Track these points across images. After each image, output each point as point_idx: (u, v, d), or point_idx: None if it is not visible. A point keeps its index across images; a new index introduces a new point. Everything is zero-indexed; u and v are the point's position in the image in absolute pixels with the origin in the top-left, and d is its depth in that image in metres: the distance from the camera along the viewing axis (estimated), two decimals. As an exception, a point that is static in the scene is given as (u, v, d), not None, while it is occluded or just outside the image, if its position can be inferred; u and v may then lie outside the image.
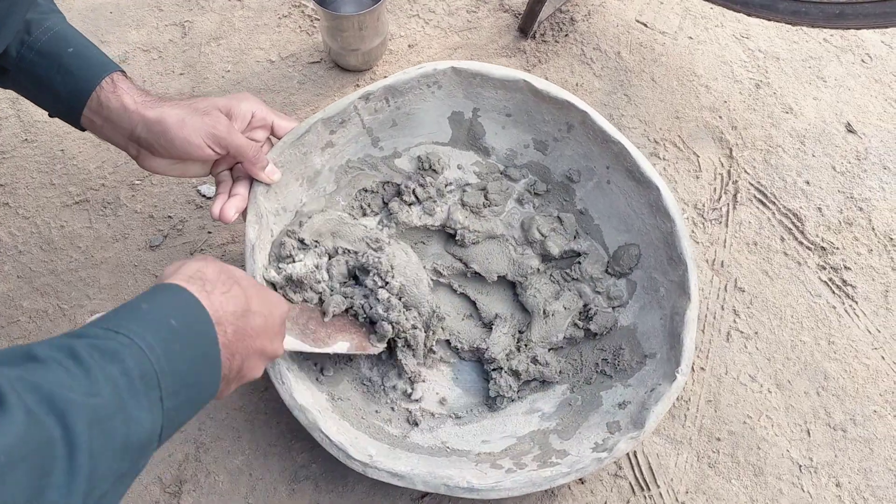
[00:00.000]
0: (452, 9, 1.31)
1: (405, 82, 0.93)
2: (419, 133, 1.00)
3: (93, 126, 0.80)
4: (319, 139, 0.92)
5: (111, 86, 0.78)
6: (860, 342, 1.02)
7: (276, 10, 1.30)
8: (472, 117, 0.99)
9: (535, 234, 0.98)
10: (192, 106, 0.80)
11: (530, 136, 0.99)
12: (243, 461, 0.91)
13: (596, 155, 0.95)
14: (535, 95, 0.94)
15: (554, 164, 1.00)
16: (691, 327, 0.84)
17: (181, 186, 1.10)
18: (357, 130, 0.95)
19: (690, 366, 0.83)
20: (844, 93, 1.24)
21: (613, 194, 0.96)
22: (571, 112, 0.93)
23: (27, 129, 1.15)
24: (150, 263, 1.04)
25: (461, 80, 0.95)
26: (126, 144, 0.81)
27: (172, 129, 0.77)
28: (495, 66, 0.94)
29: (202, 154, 0.80)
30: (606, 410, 0.87)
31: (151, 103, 0.79)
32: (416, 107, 0.97)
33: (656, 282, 0.92)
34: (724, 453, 0.94)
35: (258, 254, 0.85)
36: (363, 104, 0.93)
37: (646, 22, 1.31)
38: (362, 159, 0.98)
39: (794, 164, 1.16)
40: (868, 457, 0.94)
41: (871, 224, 1.11)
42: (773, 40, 1.30)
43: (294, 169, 0.91)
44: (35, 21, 0.77)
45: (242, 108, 0.83)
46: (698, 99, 1.22)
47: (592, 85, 1.23)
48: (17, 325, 1.00)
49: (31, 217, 1.08)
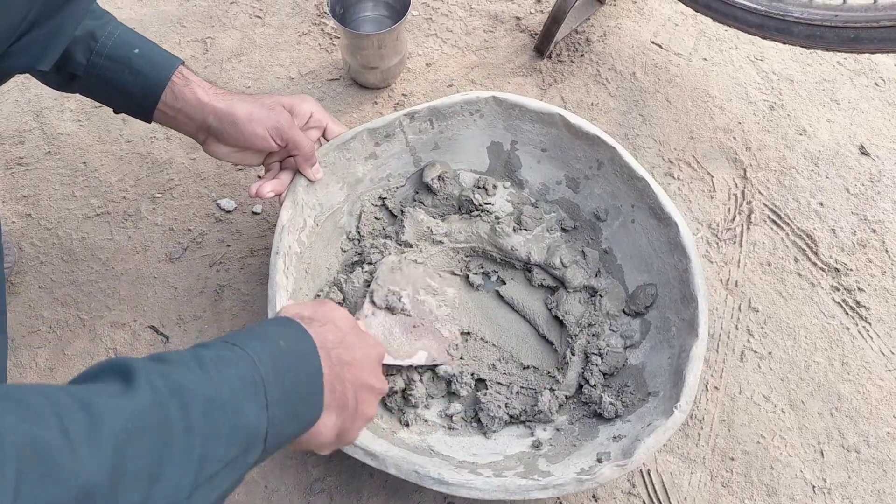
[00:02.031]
0: (470, 28, 1.33)
1: (449, 106, 0.98)
2: (459, 159, 1.04)
3: (164, 118, 0.87)
4: (364, 148, 0.98)
5: (183, 80, 0.84)
6: (874, 364, 1.02)
7: (297, 27, 1.32)
8: (510, 149, 1.03)
9: (556, 261, 0.99)
10: (260, 101, 0.87)
11: (563, 172, 1.02)
12: (259, 473, 0.92)
13: (623, 193, 0.97)
14: (568, 130, 0.97)
15: (583, 201, 1.02)
16: (696, 364, 0.83)
17: (201, 200, 1.12)
18: (400, 147, 1.01)
19: (691, 403, 0.81)
20: (858, 115, 1.25)
21: (636, 233, 0.97)
22: (601, 148, 0.96)
23: (50, 141, 1.17)
24: (170, 275, 1.06)
25: (502, 110, 0.99)
26: (196, 132, 0.88)
27: (242, 121, 0.85)
28: (532, 99, 0.98)
29: (265, 145, 0.88)
30: (601, 442, 0.86)
31: (222, 96, 0.86)
32: (459, 133, 1.01)
33: (668, 321, 0.92)
34: (737, 473, 0.94)
35: (287, 236, 0.89)
36: (408, 122, 0.98)
37: (661, 43, 1.32)
38: (403, 174, 1.04)
39: (808, 185, 1.17)
40: (881, 478, 0.94)
41: (884, 246, 1.11)
42: (787, 63, 1.31)
43: (337, 171, 0.97)
44: (98, 28, 0.82)
45: (303, 108, 0.92)
46: (713, 120, 1.23)
47: (608, 105, 1.24)
48: (38, 335, 1.01)
49: (52, 228, 1.10)
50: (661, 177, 1.16)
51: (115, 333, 1.02)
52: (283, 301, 0.86)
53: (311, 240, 0.95)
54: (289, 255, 0.89)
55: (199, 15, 1.33)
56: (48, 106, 1.21)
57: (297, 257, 0.91)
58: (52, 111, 1.20)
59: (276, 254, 0.87)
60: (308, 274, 0.94)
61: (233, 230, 1.10)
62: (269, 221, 1.11)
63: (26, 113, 1.20)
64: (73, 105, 1.21)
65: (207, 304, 1.04)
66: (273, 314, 0.85)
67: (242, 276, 1.06)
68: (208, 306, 1.04)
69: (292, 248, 0.90)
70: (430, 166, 1.03)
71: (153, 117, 0.87)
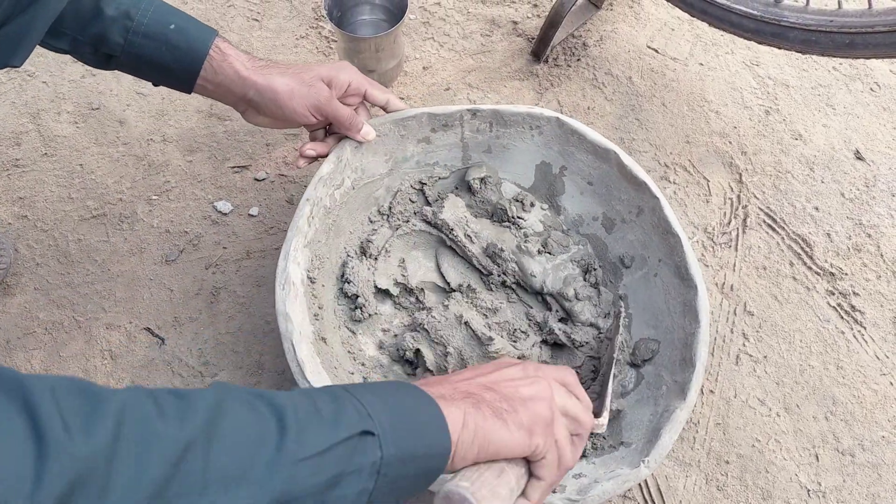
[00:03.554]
0: (467, 32, 1.34)
1: (513, 114, 0.98)
2: (507, 169, 1.04)
3: (204, 90, 0.88)
4: (420, 130, 0.99)
5: (220, 54, 0.85)
6: (868, 368, 1.02)
7: (294, 31, 1.32)
8: (558, 173, 1.03)
9: (570, 292, 0.97)
10: (300, 76, 0.88)
11: (602, 210, 1.01)
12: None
13: (654, 246, 0.95)
14: (619, 170, 0.96)
15: (613, 244, 1.00)
16: (676, 427, 0.80)
17: (197, 202, 1.12)
18: (455, 140, 1.01)
19: (660, 462, 0.79)
20: (853, 120, 1.26)
21: (656, 288, 0.95)
22: (645, 195, 0.94)
23: (47, 143, 1.17)
24: (166, 277, 1.06)
25: (561, 133, 0.99)
26: (236, 103, 0.90)
27: (282, 98, 0.87)
28: (593, 129, 0.97)
29: (305, 120, 0.90)
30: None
31: (261, 69, 0.87)
32: (514, 143, 1.02)
33: (661, 379, 0.89)
34: (732, 476, 0.94)
35: (321, 187, 0.91)
36: (469, 117, 0.99)
37: (657, 48, 1.33)
38: (449, 166, 1.04)
39: (804, 189, 1.17)
40: (876, 482, 0.94)
41: (879, 250, 1.12)
42: (783, 68, 1.32)
43: (388, 144, 0.98)
44: (132, 6, 0.82)
45: (342, 78, 0.91)
46: (708, 124, 1.24)
47: (604, 109, 1.24)
48: (33, 337, 1.01)
49: (49, 230, 1.09)
50: (656, 181, 1.17)
51: (111, 335, 1.01)
52: (299, 247, 0.87)
53: (345, 200, 0.96)
54: (318, 206, 0.90)
55: (196, 17, 1.33)
56: (45, 108, 1.21)
57: (325, 211, 0.92)
58: (49, 113, 1.20)
59: (307, 200, 0.88)
60: (331, 231, 0.95)
61: (229, 232, 1.10)
62: (266, 224, 1.11)
63: (23, 114, 1.20)
64: (70, 107, 1.21)
65: (203, 307, 1.04)
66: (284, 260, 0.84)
67: (238, 278, 1.06)
68: (204, 308, 1.04)
69: (323, 201, 0.91)
70: (477, 167, 1.04)
71: (193, 90, 0.88)
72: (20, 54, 0.72)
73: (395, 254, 1.01)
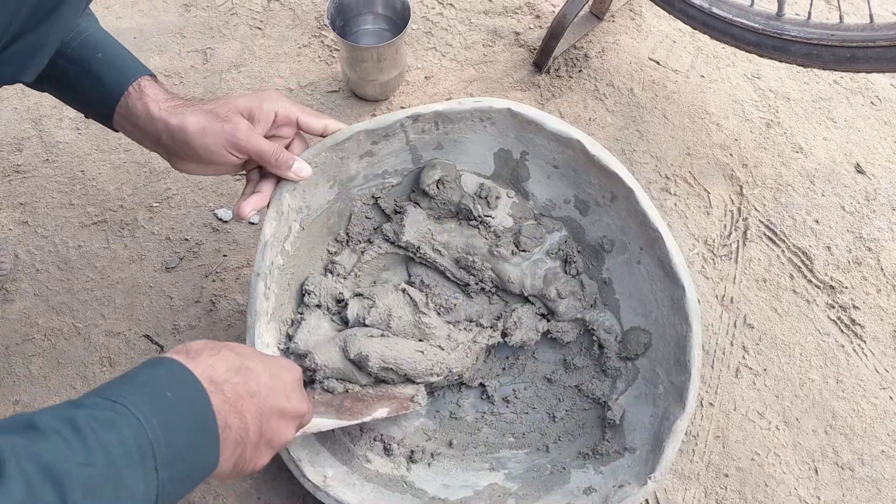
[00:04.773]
0: (469, 42, 1.34)
1: (458, 112, 0.89)
2: (462, 160, 0.96)
3: (125, 130, 0.80)
4: (359, 147, 0.90)
5: (138, 92, 0.77)
6: (868, 382, 1.02)
7: (297, 39, 1.33)
8: (519, 158, 0.95)
9: (552, 292, 0.94)
10: (214, 111, 0.78)
11: (573, 192, 0.95)
12: (252, 485, 0.91)
13: (633, 233, 0.90)
14: (585, 157, 0.89)
15: (590, 227, 0.95)
16: (677, 438, 0.81)
17: (198, 210, 1.12)
18: (400, 145, 0.92)
19: (665, 474, 0.80)
20: (854, 134, 1.26)
21: (640, 276, 0.91)
22: (617, 184, 0.88)
23: (49, 149, 1.17)
24: (166, 285, 1.06)
25: (516, 122, 0.90)
26: (155, 148, 0.81)
27: (194, 138, 0.77)
28: (552, 117, 0.88)
29: (225, 160, 0.79)
30: (571, 491, 0.86)
31: (175, 109, 0.78)
32: (465, 136, 0.93)
33: (657, 377, 0.88)
34: (731, 490, 0.94)
35: (269, 252, 0.84)
36: (411, 123, 0.89)
37: (658, 60, 1.33)
38: (400, 171, 0.96)
39: (804, 202, 1.18)
40: (875, 497, 0.94)
41: (879, 264, 1.12)
42: (784, 81, 1.32)
43: (328, 171, 0.89)
44: (71, 28, 0.77)
45: (265, 108, 0.81)
46: (709, 136, 1.24)
47: (605, 120, 1.25)
48: (32, 343, 1.01)
49: (49, 236, 1.09)
50: (657, 192, 1.17)
51: (110, 342, 1.01)
52: (263, 330, 0.83)
53: (296, 247, 0.90)
54: (271, 273, 0.84)
55: (199, 25, 1.34)
56: (47, 114, 1.21)
57: (279, 271, 0.87)
58: (51, 119, 1.21)
59: (257, 275, 0.83)
60: (290, 287, 0.91)
61: (229, 240, 1.10)
62: (266, 232, 1.11)
63: (25, 120, 1.20)
64: (72, 113, 1.21)
65: (202, 314, 1.04)
66: (251, 343, 0.81)
67: (238, 286, 1.06)
68: (203, 316, 1.04)
69: (275, 263, 0.85)
70: (430, 168, 0.95)
71: (116, 128, 0.81)
72: (31, 70, 0.70)
73: (366, 278, 0.98)
